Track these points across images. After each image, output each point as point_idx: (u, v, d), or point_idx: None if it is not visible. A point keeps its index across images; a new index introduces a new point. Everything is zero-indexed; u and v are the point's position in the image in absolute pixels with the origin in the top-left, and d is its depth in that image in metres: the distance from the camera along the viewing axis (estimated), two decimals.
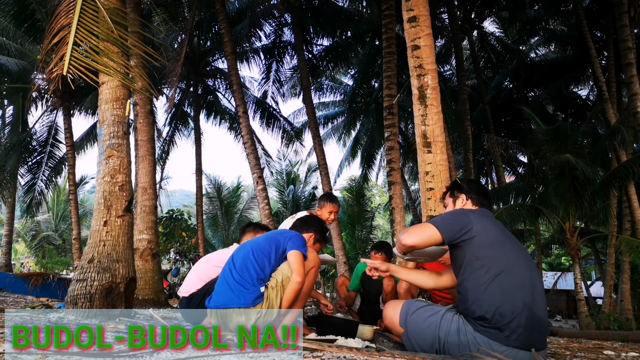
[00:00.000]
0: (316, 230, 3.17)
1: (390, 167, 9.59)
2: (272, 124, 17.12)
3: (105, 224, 4.11)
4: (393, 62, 9.61)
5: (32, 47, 14.18)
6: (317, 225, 3.21)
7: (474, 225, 2.26)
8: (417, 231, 2.33)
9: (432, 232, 2.28)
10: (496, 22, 18.38)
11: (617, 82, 13.60)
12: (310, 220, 3.27)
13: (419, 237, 2.30)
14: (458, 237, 2.26)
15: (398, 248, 2.40)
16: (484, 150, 17.86)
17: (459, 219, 2.30)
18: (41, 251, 30.02)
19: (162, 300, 7.18)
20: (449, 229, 2.27)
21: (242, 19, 14.69)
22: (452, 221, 2.29)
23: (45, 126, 16.33)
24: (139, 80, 4.70)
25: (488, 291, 2.17)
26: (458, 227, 2.26)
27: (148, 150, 7.81)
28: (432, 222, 2.33)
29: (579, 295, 10.89)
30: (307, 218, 3.32)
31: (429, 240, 2.29)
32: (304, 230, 3.13)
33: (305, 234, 3.10)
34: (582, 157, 10.35)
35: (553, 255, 30.75)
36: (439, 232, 2.27)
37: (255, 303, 2.61)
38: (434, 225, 2.30)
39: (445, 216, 2.37)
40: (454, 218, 2.32)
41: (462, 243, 2.27)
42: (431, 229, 2.29)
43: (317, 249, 3.18)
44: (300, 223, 3.25)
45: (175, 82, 10.59)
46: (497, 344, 2.13)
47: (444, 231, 2.27)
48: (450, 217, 2.33)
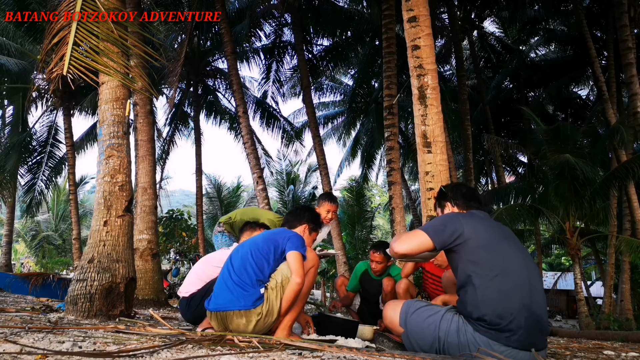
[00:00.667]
0: (308, 220, 3.12)
1: (390, 167, 9.59)
2: (272, 124, 17.13)
3: (105, 224, 4.11)
4: (393, 62, 9.62)
5: (32, 47, 14.18)
6: (307, 215, 3.15)
7: (465, 228, 2.25)
8: (408, 239, 2.31)
9: (424, 240, 2.27)
10: (496, 22, 18.39)
11: (617, 82, 13.60)
12: (300, 211, 3.21)
13: (411, 245, 2.29)
14: (450, 242, 2.26)
15: (390, 254, 2.40)
16: (484, 150, 17.86)
17: (449, 225, 2.29)
18: (41, 251, 30.03)
19: (162, 300, 7.19)
20: (440, 236, 2.26)
21: (242, 19, 14.69)
22: (443, 227, 2.28)
23: (45, 126, 16.36)
24: (139, 80, 4.70)
25: (486, 293, 2.17)
26: (449, 232, 2.26)
27: (148, 150, 7.81)
28: (423, 229, 2.32)
29: (579, 295, 10.88)
30: (295, 210, 3.24)
31: (420, 248, 2.29)
32: (297, 223, 3.09)
33: (299, 226, 3.07)
34: (582, 157, 10.34)
35: (553, 255, 30.76)
36: (430, 240, 2.26)
37: (255, 305, 2.60)
38: (425, 232, 2.29)
39: (436, 222, 2.35)
40: (444, 224, 2.30)
41: (456, 247, 2.27)
42: (422, 237, 2.28)
43: (314, 237, 3.15)
44: (291, 217, 3.17)
45: (175, 82, 10.60)
46: (497, 344, 2.13)
47: (435, 238, 2.26)
48: (440, 223, 2.32)
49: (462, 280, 2.26)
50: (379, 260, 4.57)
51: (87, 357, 1.77)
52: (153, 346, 2.00)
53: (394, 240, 2.38)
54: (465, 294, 2.24)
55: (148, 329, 2.70)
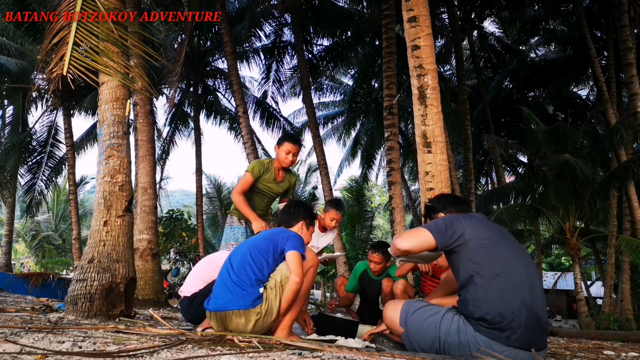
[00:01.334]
0: (304, 216, 3.11)
1: (390, 167, 9.59)
2: (272, 124, 17.13)
3: (105, 224, 4.11)
4: (393, 62, 9.62)
5: (32, 47, 14.18)
6: (302, 211, 3.14)
7: (467, 230, 2.27)
8: (411, 236, 2.32)
9: (427, 237, 2.28)
10: (496, 22, 18.38)
11: (617, 82, 13.59)
12: (294, 209, 3.17)
13: (414, 242, 2.29)
14: (451, 242, 2.27)
15: (392, 251, 2.40)
16: (484, 150, 17.85)
17: (452, 225, 2.30)
18: (41, 251, 30.03)
19: (162, 300, 7.18)
20: (443, 235, 2.27)
21: (242, 19, 14.69)
22: (446, 227, 2.30)
23: (45, 126, 16.36)
24: (139, 80, 4.70)
25: (486, 293, 2.18)
26: (451, 233, 2.27)
27: (148, 150, 7.81)
28: (426, 227, 2.33)
29: (579, 295, 10.89)
30: (289, 208, 3.19)
31: (423, 246, 2.29)
32: (293, 221, 3.08)
33: (296, 224, 3.07)
34: (582, 157, 10.35)
35: (553, 255, 30.76)
36: (433, 238, 2.27)
37: (254, 304, 2.60)
38: (429, 230, 2.30)
39: (439, 222, 2.36)
40: (447, 224, 2.31)
41: (457, 248, 2.28)
42: (426, 234, 2.29)
43: (312, 231, 3.16)
44: (286, 216, 3.14)
45: (175, 82, 10.60)
46: (498, 344, 2.13)
47: (438, 237, 2.27)
48: (443, 223, 2.33)
49: (464, 280, 2.27)
50: (378, 260, 4.57)
51: (87, 357, 1.77)
52: (153, 346, 2.00)
53: (396, 236, 2.38)
54: (467, 293, 2.25)
55: (148, 329, 2.70)
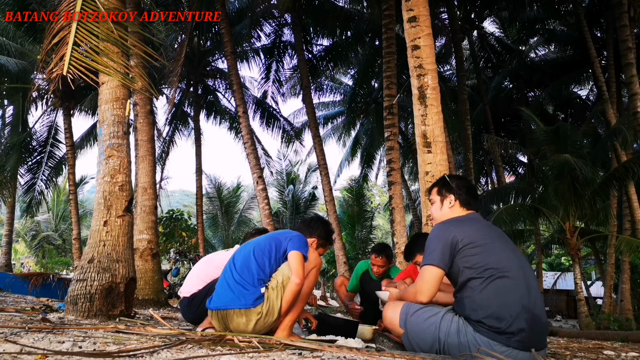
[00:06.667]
0: (319, 236, 3.07)
1: (390, 167, 9.59)
2: (272, 124, 17.13)
3: (105, 224, 4.11)
4: (393, 62, 9.62)
5: (32, 47, 14.17)
6: (320, 230, 3.09)
7: (458, 235, 2.27)
8: (423, 284, 2.32)
9: (434, 273, 2.29)
10: (496, 22, 18.39)
11: (617, 82, 13.59)
12: (314, 223, 3.14)
13: (429, 287, 2.30)
14: (451, 258, 2.28)
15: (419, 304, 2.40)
16: (484, 150, 17.84)
17: (444, 241, 2.29)
18: (41, 251, 30.02)
19: (162, 300, 7.18)
20: (443, 259, 2.28)
21: (242, 19, 14.69)
22: (441, 248, 2.29)
23: (45, 126, 16.34)
24: (139, 80, 4.70)
25: (484, 296, 2.18)
26: (447, 250, 2.28)
27: (148, 150, 7.80)
28: (427, 262, 2.31)
29: (579, 295, 10.88)
30: (311, 221, 3.17)
31: (437, 283, 2.31)
32: (307, 234, 3.03)
33: (309, 238, 3.01)
34: (582, 157, 10.33)
35: (553, 255, 30.74)
36: (439, 269, 2.28)
37: (255, 304, 2.60)
38: (430, 264, 2.29)
39: (429, 248, 2.34)
40: (440, 243, 2.30)
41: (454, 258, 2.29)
42: (432, 271, 2.29)
43: (320, 252, 3.09)
44: (304, 226, 3.12)
45: (175, 82, 10.60)
46: (497, 345, 2.13)
47: (442, 264, 2.28)
48: (434, 247, 2.32)
49: (460, 283, 2.28)
50: (381, 264, 4.57)
51: (87, 357, 1.77)
52: (153, 346, 2.00)
53: (410, 294, 2.40)
54: (463, 297, 2.25)
55: (148, 329, 2.70)
